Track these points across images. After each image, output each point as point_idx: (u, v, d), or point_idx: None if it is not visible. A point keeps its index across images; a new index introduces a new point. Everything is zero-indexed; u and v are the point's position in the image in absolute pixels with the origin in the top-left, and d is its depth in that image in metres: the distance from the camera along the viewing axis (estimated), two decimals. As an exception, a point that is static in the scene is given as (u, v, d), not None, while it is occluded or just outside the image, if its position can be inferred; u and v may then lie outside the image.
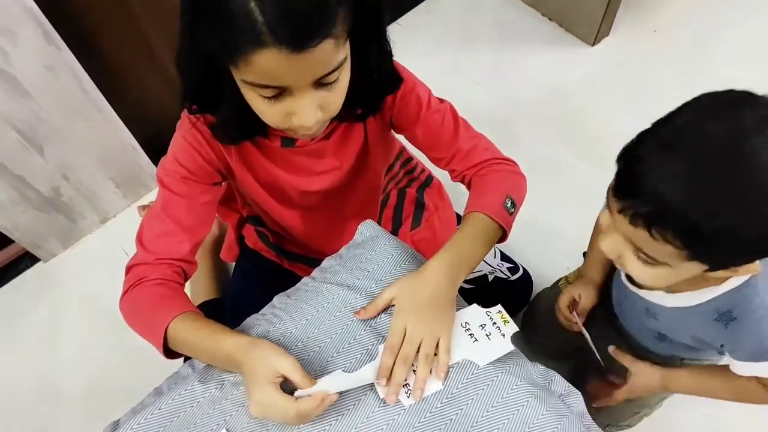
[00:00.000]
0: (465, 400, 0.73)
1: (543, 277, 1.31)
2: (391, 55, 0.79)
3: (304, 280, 0.89)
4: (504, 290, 1.24)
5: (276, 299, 0.87)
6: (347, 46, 0.65)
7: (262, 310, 0.86)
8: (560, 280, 1.20)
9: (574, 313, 0.97)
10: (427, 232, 1.21)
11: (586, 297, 0.96)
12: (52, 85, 1.21)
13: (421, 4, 1.88)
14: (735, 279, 0.69)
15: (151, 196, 1.56)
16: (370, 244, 0.89)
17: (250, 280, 1.22)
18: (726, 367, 0.83)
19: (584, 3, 1.64)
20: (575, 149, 1.58)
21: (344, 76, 0.69)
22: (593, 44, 1.72)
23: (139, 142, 1.47)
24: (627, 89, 1.66)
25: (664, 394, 1.02)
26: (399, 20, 1.85)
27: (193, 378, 0.78)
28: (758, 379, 0.76)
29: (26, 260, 1.50)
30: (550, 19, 1.79)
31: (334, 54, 0.63)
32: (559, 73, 1.72)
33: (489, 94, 1.71)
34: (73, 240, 1.52)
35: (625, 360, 0.91)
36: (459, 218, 1.32)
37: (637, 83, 1.67)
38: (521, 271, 1.27)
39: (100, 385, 0.86)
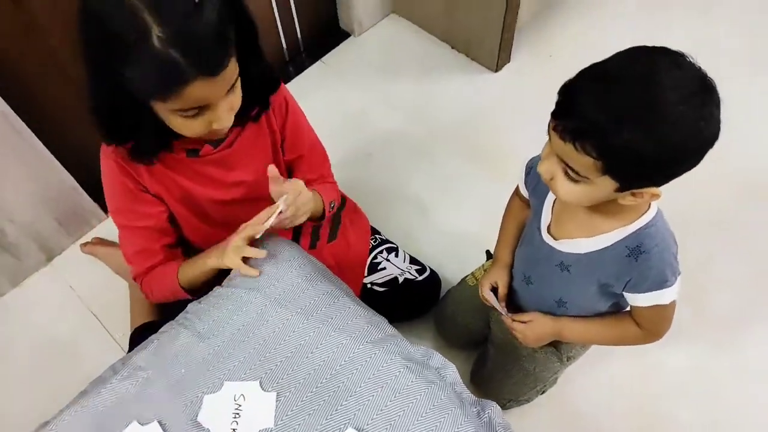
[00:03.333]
0: (346, 375, 0.86)
1: (454, 278, 1.44)
2: (266, 60, 0.97)
3: (215, 288, 1.01)
4: (413, 290, 1.37)
5: (189, 305, 0.99)
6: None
7: (177, 317, 0.98)
8: (467, 276, 1.34)
9: (496, 300, 1.09)
10: (342, 242, 1.35)
11: (502, 280, 1.10)
12: (-15, 130, 1.32)
13: (343, 44, 2.05)
14: (642, 218, 0.84)
15: (94, 232, 1.67)
16: (272, 253, 1.01)
17: (182, 300, 1.33)
18: (607, 316, 1.00)
19: (484, 35, 1.83)
20: (483, 165, 1.75)
21: (238, 80, 0.86)
22: (496, 71, 1.91)
23: (79, 183, 1.58)
24: (527, 110, 1.83)
25: (557, 366, 1.16)
26: (323, 59, 2.02)
27: (112, 378, 0.89)
28: (642, 317, 0.93)
29: (-25, 299, 1.59)
30: (458, 51, 1.98)
31: (235, 66, 0.81)
32: (468, 99, 1.90)
33: (409, 121, 1.87)
34: (20, 278, 1.60)
35: (523, 317, 1.04)
36: (372, 230, 1.47)
37: (536, 104, 1.83)
38: (428, 271, 1.41)
39: (48, 411, 0.95)
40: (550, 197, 0.93)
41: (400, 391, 0.84)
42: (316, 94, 1.93)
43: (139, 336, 1.38)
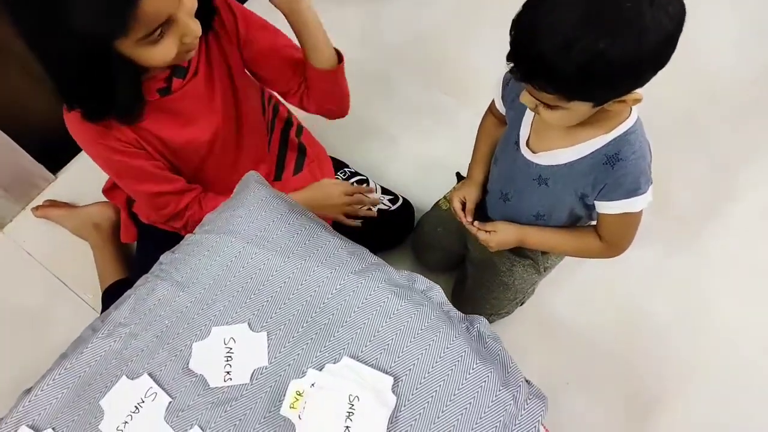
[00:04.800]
0: (335, 307, 0.85)
1: (427, 205, 1.44)
2: None
3: (187, 236, 0.97)
4: (388, 220, 1.37)
5: (162, 256, 0.95)
6: None
7: (152, 269, 0.94)
8: (439, 200, 1.34)
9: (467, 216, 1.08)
10: (308, 175, 1.32)
11: (471, 196, 1.09)
12: None
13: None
14: (623, 125, 0.83)
15: (44, 196, 1.58)
16: (242, 194, 0.98)
17: (151, 254, 1.29)
18: (570, 227, 1.00)
19: (431, -53, 1.75)
20: (443, 87, 1.71)
21: None
22: (446, -13, 1.84)
23: (20, 144, 1.47)
24: (483, 22, 1.80)
25: (535, 277, 1.19)
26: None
27: (93, 337, 0.86)
28: (609, 226, 0.94)
29: (-71, 277, 1.50)
30: (405, -32, 1.89)
31: None
32: (419, 17, 1.83)
33: (360, 50, 1.79)
34: (-28, 251, 1.52)
35: (488, 225, 1.04)
36: (341, 163, 1.44)
37: (492, 15, 1.79)
38: (401, 200, 1.41)
39: (22, 383, 0.92)
40: (530, 111, 0.91)
41: (391, 315, 0.84)
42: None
43: (111, 295, 1.35)
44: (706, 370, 1.33)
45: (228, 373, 0.80)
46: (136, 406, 0.78)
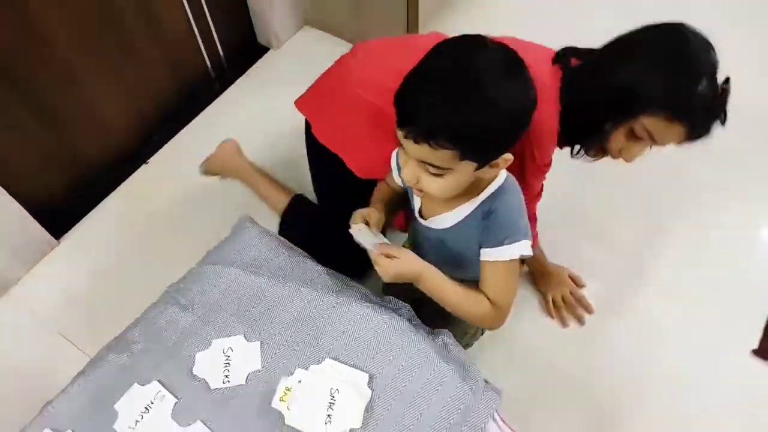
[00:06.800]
0: (319, 319, 1.00)
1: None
2: None
3: (190, 269, 1.12)
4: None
5: (168, 287, 1.10)
6: None
7: (159, 297, 1.08)
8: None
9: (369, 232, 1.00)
10: None
11: (374, 214, 1.03)
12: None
13: (264, 57, 2.18)
14: (492, 185, 0.93)
15: (48, 260, 1.69)
16: (238, 232, 1.15)
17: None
18: (469, 284, 1.00)
19: (390, 32, 2.02)
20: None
21: None
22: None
23: (29, 211, 1.61)
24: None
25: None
26: (247, 72, 2.13)
27: (108, 354, 0.99)
28: (487, 279, 0.96)
29: (-68, 338, 1.58)
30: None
31: None
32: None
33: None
34: (-23, 312, 1.62)
35: (392, 250, 0.95)
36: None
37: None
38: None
39: None
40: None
41: (367, 324, 0.99)
42: (248, 103, 2.04)
43: (294, 223, 1.57)
44: (659, 392, 1.46)
45: (227, 376, 0.93)
46: (146, 407, 0.91)
